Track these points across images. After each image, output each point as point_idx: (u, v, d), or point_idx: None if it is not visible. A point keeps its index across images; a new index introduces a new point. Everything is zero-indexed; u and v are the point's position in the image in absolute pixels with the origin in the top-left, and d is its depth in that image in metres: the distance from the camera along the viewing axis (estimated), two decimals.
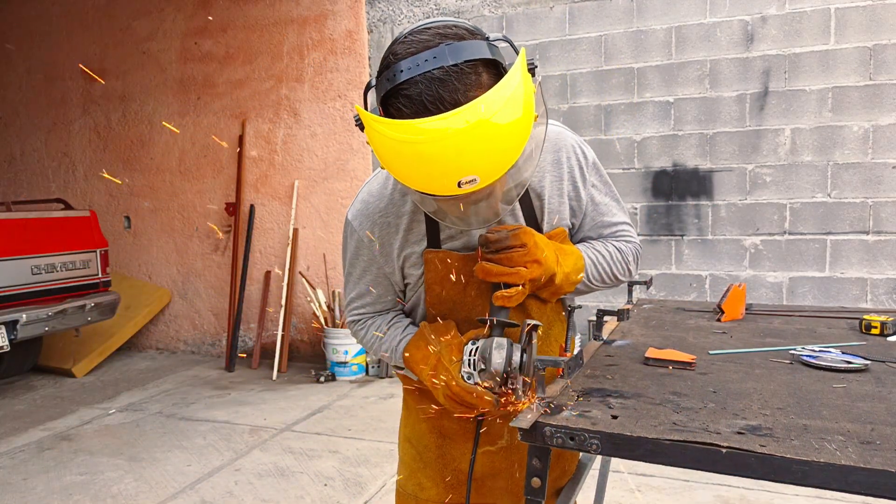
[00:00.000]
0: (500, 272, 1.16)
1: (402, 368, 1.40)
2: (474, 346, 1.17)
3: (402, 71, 0.97)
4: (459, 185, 0.98)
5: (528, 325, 1.09)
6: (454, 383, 1.16)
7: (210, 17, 5.92)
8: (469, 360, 1.16)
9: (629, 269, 1.42)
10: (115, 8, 6.37)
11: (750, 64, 4.40)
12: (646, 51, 4.63)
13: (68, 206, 5.39)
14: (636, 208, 4.76)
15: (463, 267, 1.29)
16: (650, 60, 4.63)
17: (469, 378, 1.16)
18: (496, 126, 0.94)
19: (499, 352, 1.12)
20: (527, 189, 1.27)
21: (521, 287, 1.18)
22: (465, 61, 0.96)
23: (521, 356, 1.11)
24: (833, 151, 4.27)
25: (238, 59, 5.88)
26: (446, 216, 1.13)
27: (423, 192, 1.04)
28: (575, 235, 1.41)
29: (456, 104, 0.94)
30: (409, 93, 0.96)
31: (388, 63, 1.00)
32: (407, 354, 1.30)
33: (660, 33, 4.59)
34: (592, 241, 1.40)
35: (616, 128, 4.75)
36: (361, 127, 1.05)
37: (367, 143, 1.08)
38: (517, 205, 1.31)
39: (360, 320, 1.43)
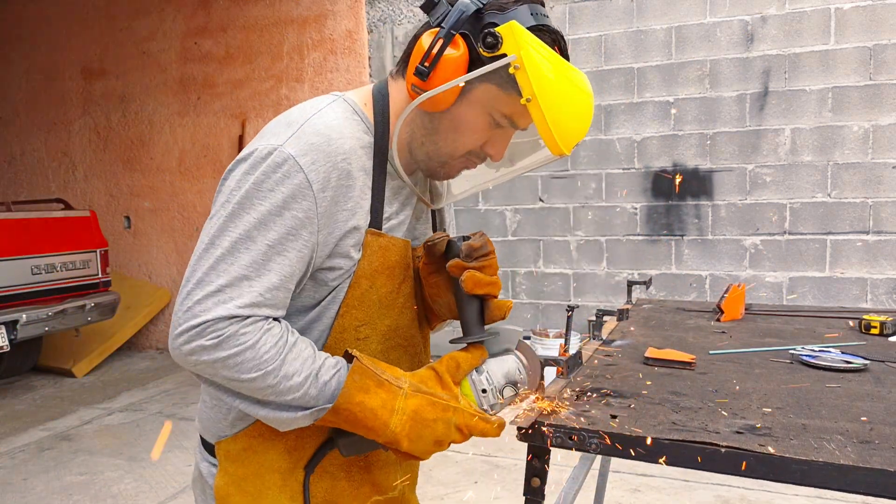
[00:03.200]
0: (489, 283, 1.01)
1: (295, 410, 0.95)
2: (482, 375, 1.02)
3: (546, 15, 0.98)
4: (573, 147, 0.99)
5: (518, 331, 1.07)
6: (475, 420, 0.98)
7: (209, 18, 5.93)
8: (492, 388, 1.01)
9: None
10: (115, 8, 6.37)
11: (750, 64, 4.40)
12: (646, 51, 4.63)
13: (68, 206, 5.39)
14: (636, 208, 4.76)
15: (401, 261, 1.07)
16: (650, 60, 4.63)
17: (493, 409, 1.02)
18: None
19: (523, 368, 1.03)
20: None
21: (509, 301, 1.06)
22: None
23: (535, 365, 1.06)
24: (833, 151, 4.27)
25: (238, 59, 5.88)
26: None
27: (543, 148, 0.99)
28: None
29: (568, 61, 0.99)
30: (556, 37, 0.98)
31: None
32: (360, 400, 0.93)
33: (660, 33, 4.59)
34: None
35: (616, 128, 4.75)
36: (491, 45, 0.93)
37: (514, 64, 0.91)
38: (431, 213, 1.21)
39: (248, 321, 0.90)
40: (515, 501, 3.13)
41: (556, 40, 0.97)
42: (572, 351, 1.39)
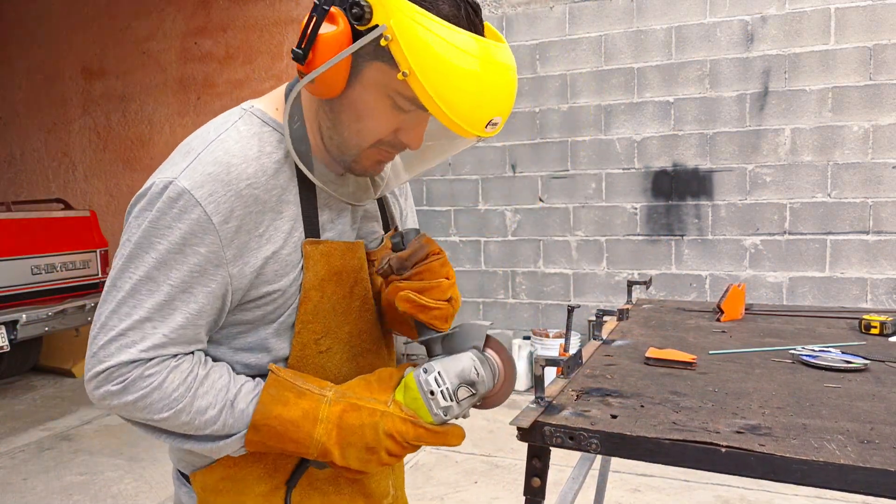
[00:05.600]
0: (424, 288, 0.93)
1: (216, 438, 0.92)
2: (430, 375, 0.92)
3: None
4: (487, 125, 0.87)
5: (485, 325, 1.00)
6: (406, 425, 0.90)
7: (209, 18, 5.93)
8: (443, 390, 0.91)
9: None
10: (115, 8, 6.37)
11: (750, 64, 4.40)
12: (646, 51, 4.63)
13: (68, 206, 5.39)
14: (636, 208, 4.76)
15: (348, 264, 1.01)
16: (650, 60, 4.63)
17: (446, 413, 0.91)
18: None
19: (480, 366, 0.93)
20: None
21: (447, 301, 0.96)
22: None
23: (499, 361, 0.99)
24: (833, 151, 4.27)
25: (238, 59, 5.88)
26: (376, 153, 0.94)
27: (449, 128, 0.85)
28: None
29: (481, 34, 0.87)
30: (457, 2, 0.85)
31: None
32: (278, 413, 0.89)
33: (660, 33, 4.59)
34: None
35: (616, 128, 4.75)
36: (358, 16, 0.82)
37: (387, 39, 0.80)
38: (379, 209, 1.13)
39: (153, 362, 0.87)
40: (515, 501, 3.13)
41: (456, 4, 0.85)
42: (572, 351, 1.38)
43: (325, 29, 0.85)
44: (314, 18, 0.85)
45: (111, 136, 6.57)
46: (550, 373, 1.29)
